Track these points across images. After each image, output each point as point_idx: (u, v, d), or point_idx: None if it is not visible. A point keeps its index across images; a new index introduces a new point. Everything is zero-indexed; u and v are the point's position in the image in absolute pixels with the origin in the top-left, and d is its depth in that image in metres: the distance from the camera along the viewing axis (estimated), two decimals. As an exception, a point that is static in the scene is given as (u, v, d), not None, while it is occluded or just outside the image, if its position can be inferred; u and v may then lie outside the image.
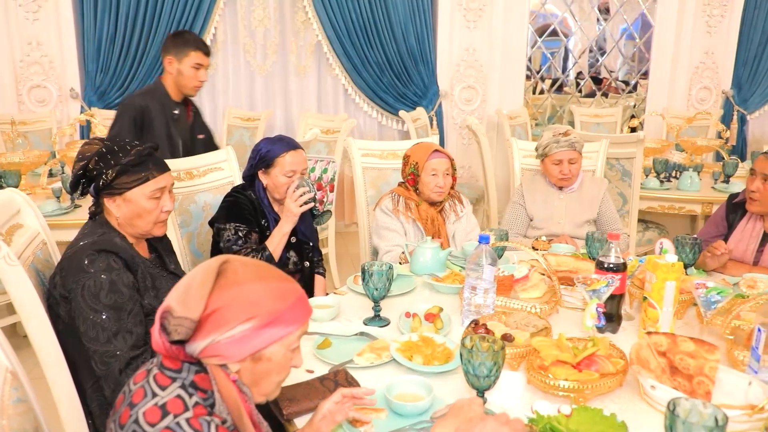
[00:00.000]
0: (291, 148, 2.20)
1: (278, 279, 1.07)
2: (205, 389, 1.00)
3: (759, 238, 2.26)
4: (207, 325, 0.99)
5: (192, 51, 2.81)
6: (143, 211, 1.59)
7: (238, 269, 1.04)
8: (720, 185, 3.71)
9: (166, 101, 2.89)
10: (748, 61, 5.33)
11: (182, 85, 2.88)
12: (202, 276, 1.01)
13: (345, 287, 2.07)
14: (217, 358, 1.01)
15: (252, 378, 1.06)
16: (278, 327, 1.03)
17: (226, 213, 2.19)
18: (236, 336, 1.00)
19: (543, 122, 5.99)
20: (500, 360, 1.25)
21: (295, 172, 2.18)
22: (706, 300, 1.62)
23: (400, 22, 4.78)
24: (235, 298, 1.01)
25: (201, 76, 2.86)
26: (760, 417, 1.22)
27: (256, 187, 2.24)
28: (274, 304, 1.03)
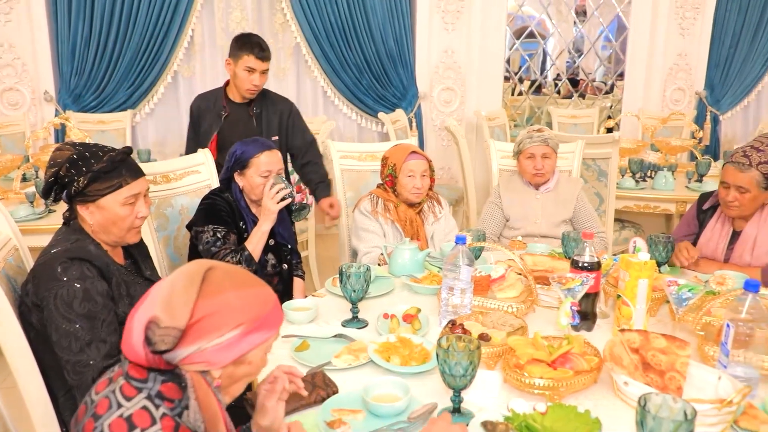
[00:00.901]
0: (265, 149, 2.20)
1: (258, 285, 1.08)
2: (173, 398, 0.98)
3: (728, 236, 2.31)
4: (193, 333, 0.98)
5: (245, 54, 2.79)
6: (117, 218, 1.57)
7: (223, 276, 1.04)
8: (693, 184, 3.78)
9: (218, 101, 2.93)
10: (719, 63, 5.43)
11: (238, 86, 2.87)
12: (186, 283, 1.00)
13: (323, 289, 2.07)
14: (201, 365, 1.00)
15: (229, 381, 1.07)
16: (262, 331, 1.04)
17: (203, 215, 2.18)
18: (224, 343, 1.00)
19: (521, 123, 6.04)
20: (476, 359, 1.26)
21: (270, 172, 2.18)
22: (677, 297, 1.66)
23: (379, 24, 4.79)
24: (222, 306, 1.00)
25: (254, 80, 2.82)
26: (728, 410, 1.25)
27: (233, 189, 2.23)
28: (259, 309, 1.05)
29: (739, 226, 2.28)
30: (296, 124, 3.01)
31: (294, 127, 3.00)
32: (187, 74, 4.75)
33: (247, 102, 2.94)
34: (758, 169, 2.11)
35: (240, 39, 2.86)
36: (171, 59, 4.56)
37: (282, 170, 2.23)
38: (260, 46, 2.82)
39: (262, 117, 2.93)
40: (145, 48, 4.46)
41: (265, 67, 2.83)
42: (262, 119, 2.93)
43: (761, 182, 2.13)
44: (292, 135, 2.99)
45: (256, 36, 2.90)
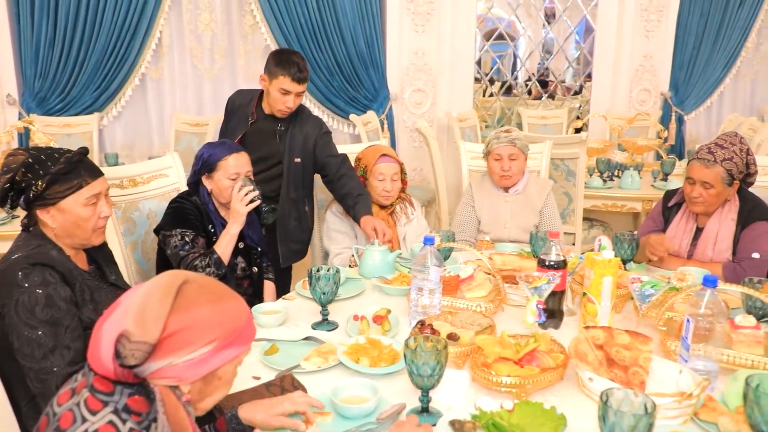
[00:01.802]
0: (234, 151, 2.18)
1: (232, 299, 1.07)
2: (140, 412, 0.96)
3: (692, 233, 2.36)
4: (164, 348, 0.95)
5: (281, 75, 2.53)
6: (80, 219, 1.55)
7: (197, 290, 1.01)
8: (659, 183, 3.86)
9: (251, 105, 2.73)
10: (683, 65, 5.56)
11: (270, 104, 2.66)
12: (160, 296, 0.97)
13: (293, 292, 2.06)
14: (171, 380, 0.98)
15: (198, 397, 1.05)
16: (234, 347, 1.03)
17: (171, 219, 2.15)
18: (196, 358, 0.98)
19: (492, 124, 6.10)
20: (443, 359, 1.27)
21: (239, 174, 2.16)
22: (640, 294, 1.69)
23: (349, 26, 4.80)
24: (195, 321, 0.98)
25: (287, 102, 2.59)
26: (689, 403, 1.28)
27: (201, 192, 2.21)
28: (232, 325, 1.03)
29: (702, 223, 2.34)
30: (326, 141, 2.74)
31: (323, 145, 2.73)
32: (156, 76, 4.70)
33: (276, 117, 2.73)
34: (722, 166, 2.17)
35: (278, 56, 2.60)
36: (138, 61, 4.49)
37: (251, 172, 2.22)
38: (298, 67, 2.55)
39: (286, 136, 2.70)
40: (112, 50, 4.39)
41: (301, 90, 2.59)
42: (287, 139, 2.70)
43: (725, 178, 2.18)
44: (322, 151, 2.72)
45: (297, 55, 2.62)
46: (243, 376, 1.49)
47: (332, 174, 2.66)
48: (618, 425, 1.07)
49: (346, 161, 2.71)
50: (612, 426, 1.08)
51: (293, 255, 2.77)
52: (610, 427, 1.08)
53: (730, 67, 5.71)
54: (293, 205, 2.72)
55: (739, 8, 5.50)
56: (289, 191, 2.70)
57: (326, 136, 2.76)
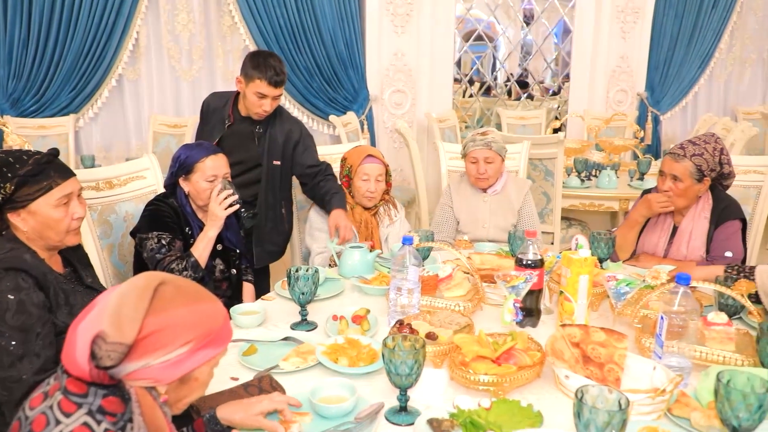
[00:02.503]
0: (211, 153, 2.16)
1: (209, 300, 1.07)
2: (115, 413, 0.95)
3: (669, 231, 2.40)
4: (140, 349, 0.95)
5: (257, 78, 2.49)
6: (52, 221, 1.53)
7: (174, 291, 1.01)
8: (635, 182, 3.91)
9: (227, 107, 2.69)
10: (659, 65, 5.65)
11: (247, 106, 2.61)
12: (136, 297, 0.97)
13: (273, 293, 2.06)
14: (147, 381, 0.98)
15: (175, 398, 1.05)
16: (211, 348, 1.03)
17: (147, 222, 2.13)
18: (172, 360, 0.97)
19: (472, 125, 6.13)
20: (421, 358, 1.28)
21: (216, 176, 2.14)
22: (616, 292, 1.72)
23: (329, 27, 4.79)
24: (171, 322, 0.98)
25: (264, 106, 2.55)
26: (662, 399, 1.30)
27: (178, 194, 2.19)
28: (209, 326, 1.03)
29: (678, 221, 2.38)
30: (307, 147, 2.71)
31: (305, 152, 2.70)
32: (133, 77, 4.64)
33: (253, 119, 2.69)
34: (691, 160, 2.21)
35: (254, 58, 2.55)
36: (115, 62, 4.44)
37: (229, 174, 2.20)
38: (275, 70, 2.50)
39: (265, 138, 2.66)
40: (88, 50, 4.33)
41: (278, 93, 2.55)
42: (266, 141, 2.66)
43: (694, 173, 2.22)
44: (303, 159, 2.68)
45: (274, 58, 2.57)
46: (221, 377, 1.49)
47: (310, 182, 2.67)
48: (593, 422, 1.08)
49: (328, 168, 2.70)
50: (587, 422, 1.09)
51: (268, 255, 2.76)
52: (585, 424, 1.09)
53: (704, 68, 5.83)
54: (270, 208, 2.71)
55: (713, 10, 5.61)
56: (267, 195, 2.68)
57: (307, 140, 2.72)
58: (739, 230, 2.28)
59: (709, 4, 5.58)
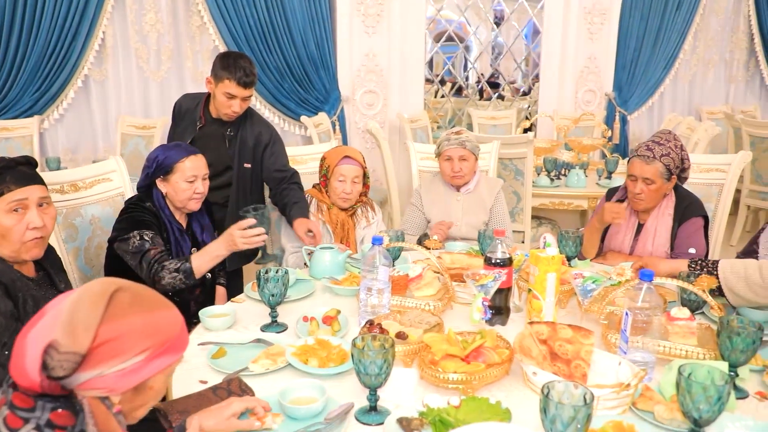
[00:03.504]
0: (190, 153, 2.14)
1: (166, 308, 1.05)
2: (65, 426, 0.91)
3: (634, 229, 2.45)
4: (95, 358, 0.92)
5: (226, 78, 2.48)
6: (3, 229, 1.48)
7: (130, 298, 0.99)
8: (603, 181, 3.98)
9: (198, 108, 2.67)
10: (626, 66, 5.75)
11: (216, 107, 2.59)
12: (91, 304, 0.94)
13: (243, 295, 2.04)
14: (101, 391, 0.95)
15: (129, 407, 1.02)
16: (166, 356, 1.01)
17: (127, 224, 2.05)
18: (127, 368, 0.95)
19: (444, 125, 6.17)
20: (390, 357, 1.28)
21: (196, 177, 2.12)
22: (583, 289, 1.74)
23: (299, 28, 4.77)
24: (127, 330, 0.95)
25: (233, 106, 2.54)
26: (626, 394, 1.33)
27: (155, 196, 2.14)
28: (165, 334, 1.01)
29: (643, 219, 2.43)
30: (276, 152, 2.71)
31: (273, 155, 2.69)
32: (99, 78, 4.56)
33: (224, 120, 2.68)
34: (661, 161, 2.26)
35: (224, 59, 2.55)
36: (81, 62, 4.35)
37: (207, 175, 2.17)
38: (244, 71, 2.50)
39: (236, 140, 2.65)
40: (52, 51, 4.23)
41: (247, 94, 2.54)
42: (236, 143, 2.65)
43: (664, 173, 2.27)
44: (271, 163, 2.68)
45: (244, 59, 2.57)
46: (190, 380, 1.48)
47: (276, 188, 2.65)
48: (558, 417, 1.10)
49: (295, 176, 2.69)
50: (553, 418, 1.11)
51: (240, 259, 2.74)
52: (551, 419, 1.11)
53: (669, 69, 5.95)
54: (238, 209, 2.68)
55: (677, 12, 5.73)
56: (239, 198, 2.66)
57: (276, 143, 2.72)
58: (701, 227, 2.34)
59: (673, 5, 5.71)
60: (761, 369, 1.52)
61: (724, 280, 1.80)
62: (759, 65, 6.33)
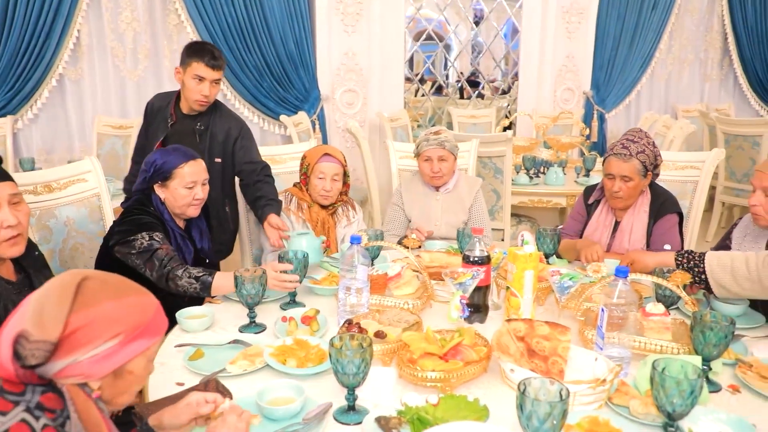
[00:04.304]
0: (189, 158, 2.09)
1: (137, 293, 1.06)
2: (54, 409, 0.94)
3: (611, 226, 2.47)
4: (67, 346, 0.94)
5: (195, 61, 2.55)
6: None
7: (99, 286, 1.01)
8: (582, 179, 4.02)
9: (169, 106, 2.70)
10: (603, 65, 5.82)
11: (187, 97, 2.62)
12: (58, 295, 0.96)
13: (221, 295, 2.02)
14: (78, 378, 0.97)
15: (112, 392, 1.04)
16: (142, 340, 1.02)
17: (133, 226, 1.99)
18: (101, 354, 0.97)
19: (424, 124, 6.19)
20: (368, 357, 1.28)
21: (196, 182, 2.08)
22: (560, 286, 1.76)
23: (278, 26, 4.75)
24: (98, 316, 0.97)
25: (203, 90, 2.58)
26: (602, 389, 1.35)
27: (154, 202, 2.10)
28: (138, 318, 1.02)
29: (620, 217, 2.45)
30: (245, 146, 2.73)
31: (243, 149, 2.72)
32: (75, 77, 4.49)
33: (193, 115, 2.70)
34: (637, 158, 2.29)
35: (191, 46, 2.66)
36: (55, 61, 4.28)
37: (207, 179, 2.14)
38: (212, 54, 2.58)
39: (206, 135, 2.67)
40: (25, 49, 4.16)
41: (215, 77, 2.60)
42: (207, 137, 2.67)
43: (640, 170, 2.30)
44: (241, 155, 2.71)
45: (210, 44, 2.71)
46: (167, 383, 1.46)
47: (248, 179, 2.67)
48: (535, 413, 1.11)
49: (266, 169, 2.70)
50: (529, 414, 1.12)
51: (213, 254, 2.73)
52: (528, 415, 1.12)
53: (645, 68, 6.03)
54: (213, 206, 2.66)
55: (652, 11, 5.81)
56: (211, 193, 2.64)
57: (246, 137, 2.75)
58: (676, 224, 2.37)
59: (649, 5, 5.78)
60: (734, 363, 1.55)
61: (711, 272, 1.81)
62: (732, 64, 6.44)
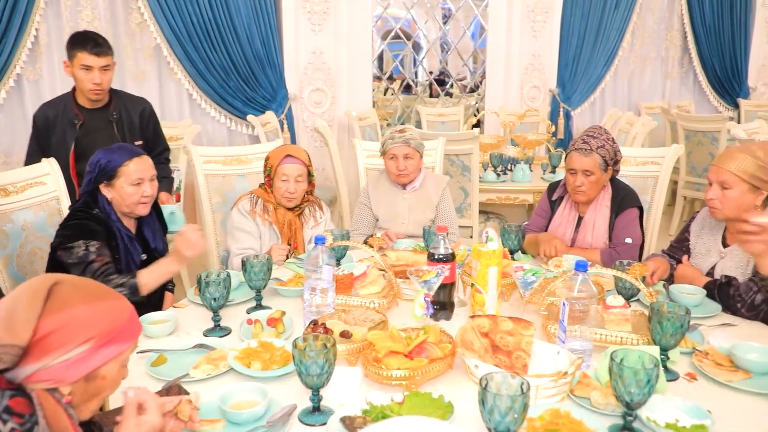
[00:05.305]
0: (134, 155, 2.07)
1: (110, 297, 1.06)
2: (22, 413, 0.93)
3: (575, 221, 2.52)
4: (37, 350, 0.94)
5: (78, 51, 2.58)
6: None
7: (71, 290, 1.00)
8: (548, 175, 4.08)
9: (69, 108, 2.69)
10: (568, 63, 5.90)
11: (81, 90, 2.65)
12: (29, 299, 0.96)
13: (185, 299, 2.00)
14: (48, 383, 0.97)
15: (83, 397, 1.04)
16: (114, 345, 1.02)
17: (73, 232, 1.98)
18: (72, 358, 0.97)
19: (393, 122, 6.20)
20: (332, 357, 1.28)
21: (142, 180, 2.06)
22: (523, 281, 1.78)
23: (244, 25, 4.70)
24: (69, 321, 0.97)
25: (93, 79, 2.60)
26: (564, 381, 1.37)
27: (100, 203, 2.07)
28: (110, 322, 1.02)
29: (583, 212, 2.49)
30: (157, 124, 2.93)
31: (156, 127, 2.91)
32: (33, 77, 4.36)
33: (103, 107, 2.72)
34: (598, 153, 2.33)
35: (73, 37, 2.68)
36: (12, 61, 4.15)
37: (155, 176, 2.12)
38: (94, 41, 2.62)
39: (123, 122, 2.73)
40: (-19, 49, 4.04)
41: (103, 63, 2.62)
42: (123, 124, 2.73)
43: (601, 165, 2.35)
44: (155, 136, 2.90)
45: (91, 32, 2.72)
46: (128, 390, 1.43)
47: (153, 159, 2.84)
48: (496, 408, 1.12)
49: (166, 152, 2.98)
50: (491, 408, 1.13)
51: None
52: (490, 410, 1.13)
53: (609, 66, 6.14)
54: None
55: (615, 10, 5.92)
56: None
57: (154, 116, 2.92)
58: (637, 217, 2.42)
59: (612, 4, 5.88)
60: (691, 351, 1.59)
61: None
62: (692, 62, 6.60)
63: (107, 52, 2.64)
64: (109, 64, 2.66)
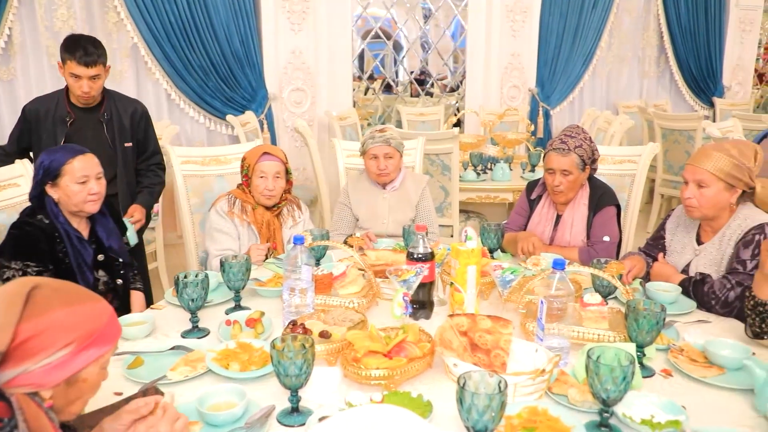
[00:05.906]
0: (78, 153, 2.05)
1: (90, 300, 1.06)
2: (2, 418, 0.92)
3: (554, 220, 2.54)
4: (17, 355, 0.93)
5: (69, 60, 2.52)
6: None
7: (50, 294, 1.00)
8: (527, 174, 4.11)
9: (61, 105, 2.65)
10: (547, 62, 5.95)
11: (72, 92, 2.62)
12: (7, 304, 0.95)
13: (163, 301, 1.98)
14: (29, 387, 0.96)
15: (65, 401, 1.03)
16: (95, 348, 1.02)
17: (11, 247, 1.95)
18: (53, 363, 0.96)
19: (374, 122, 6.20)
20: (310, 357, 1.27)
21: (88, 177, 2.03)
22: (502, 280, 1.79)
23: (223, 24, 4.66)
24: (49, 325, 0.96)
25: (82, 87, 2.56)
26: (542, 379, 1.38)
27: (47, 205, 2.03)
28: (91, 325, 1.02)
29: (561, 210, 2.52)
30: (149, 127, 2.87)
31: (148, 130, 2.85)
32: (7, 77, 4.29)
33: (94, 107, 2.68)
34: (575, 152, 2.35)
35: (66, 41, 2.61)
36: (-15, 61, 4.09)
37: (101, 173, 2.09)
38: (85, 50, 2.53)
39: (113, 123, 2.69)
40: (-48, 49, 3.96)
41: (92, 74, 2.56)
42: (113, 125, 2.69)
43: (579, 164, 2.37)
44: (145, 139, 2.84)
45: (86, 38, 2.62)
46: (104, 393, 1.41)
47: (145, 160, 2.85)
48: (474, 406, 1.13)
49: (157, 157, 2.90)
50: (469, 407, 1.13)
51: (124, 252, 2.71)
52: (467, 409, 1.13)
53: (587, 65, 6.20)
54: (128, 188, 2.78)
55: (593, 10, 5.98)
56: (125, 179, 2.76)
57: (148, 116, 2.87)
58: (614, 215, 2.45)
59: (590, 4, 5.94)
60: (666, 348, 1.61)
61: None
62: (668, 61, 6.70)
63: (97, 62, 2.56)
64: (100, 73, 2.60)
